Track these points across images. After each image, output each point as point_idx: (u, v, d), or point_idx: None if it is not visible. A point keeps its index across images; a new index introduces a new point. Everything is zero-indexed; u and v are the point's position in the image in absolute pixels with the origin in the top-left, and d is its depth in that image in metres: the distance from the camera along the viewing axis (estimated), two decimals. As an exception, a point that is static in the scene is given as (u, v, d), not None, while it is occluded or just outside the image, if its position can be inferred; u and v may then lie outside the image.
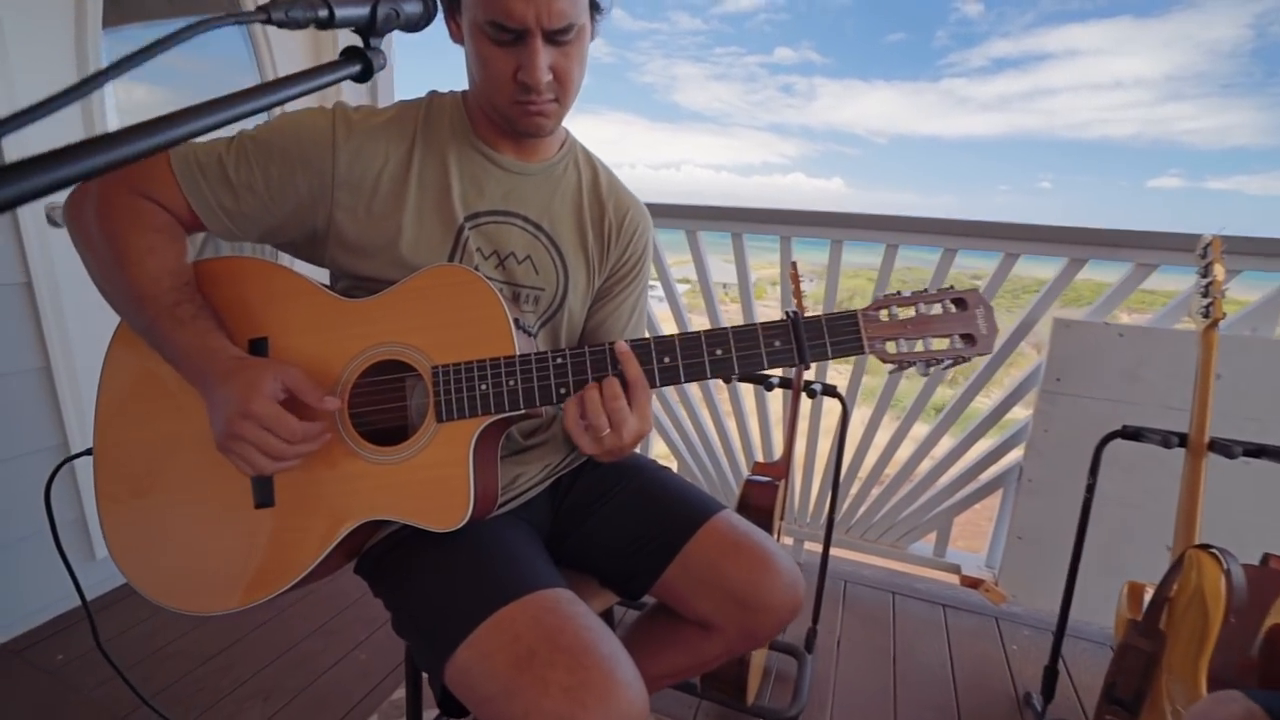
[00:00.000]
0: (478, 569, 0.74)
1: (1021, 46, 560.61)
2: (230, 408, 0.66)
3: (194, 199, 0.74)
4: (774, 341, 0.71)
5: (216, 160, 0.74)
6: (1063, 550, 1.67)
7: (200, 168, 0.74)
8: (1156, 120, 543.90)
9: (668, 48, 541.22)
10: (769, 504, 1.37)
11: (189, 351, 0.70)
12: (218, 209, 0.75)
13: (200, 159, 0.74)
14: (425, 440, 0.73)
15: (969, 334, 0.70)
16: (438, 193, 0.80)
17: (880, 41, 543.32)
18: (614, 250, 0.93)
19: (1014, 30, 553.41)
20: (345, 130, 0.77)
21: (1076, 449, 1.62)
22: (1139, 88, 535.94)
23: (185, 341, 0.70)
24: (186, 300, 0.72)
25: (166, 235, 0.73)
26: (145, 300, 0.70)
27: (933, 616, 1.81)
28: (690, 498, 0.92)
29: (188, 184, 0.73)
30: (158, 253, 0.72)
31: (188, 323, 0.70)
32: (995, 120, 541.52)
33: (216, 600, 0.73)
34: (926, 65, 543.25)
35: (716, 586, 0.84)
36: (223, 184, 0.74)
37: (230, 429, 0.66)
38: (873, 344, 0.70)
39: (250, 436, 0.66)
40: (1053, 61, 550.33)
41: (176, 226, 0.75)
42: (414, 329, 0.74)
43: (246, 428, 0.66)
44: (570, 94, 0.78)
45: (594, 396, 0.70)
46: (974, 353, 0.70)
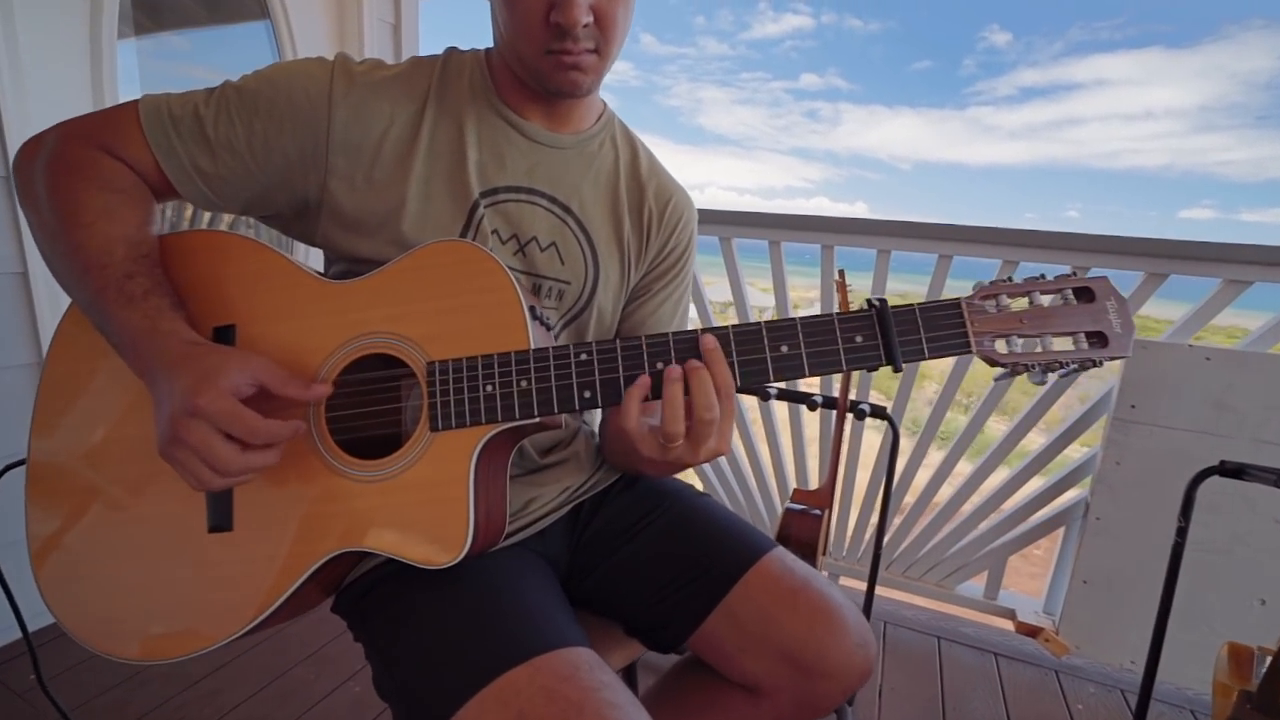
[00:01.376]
0: (477, 619, 0.61)
1: (1050, 76, 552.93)
2: (175, 403, 0.53)
3: (164, 158, 0.63)
4: (855, 336, 0.57)
5: (192, 112, 0.64)
6: (1136, 598, 1.52)
7: (173, 121, 0.63)
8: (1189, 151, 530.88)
9: (694, 72, 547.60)
10: (812, 537, 1.22)
11: (136, 334, 0.57)
12: (192, 170, 0.64)
13: (174, 111, 0.64)
14: (417, 453, 0.60)
15: (1098, 332, 0.57)
16: (450, 162, 0.69)
17: (907, 69, 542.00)
18: (654, 241, 0.80)
19: (1042, 60, 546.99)
20: (345, 84, 0.66)
21: (1153, 485, 1.47)
22: (1170, 118, 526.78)
23: (133, 322, 0.57)
24: (142, 274, 0.60)
25: (128, 198, 0.62)
26: (91, 270, 0.59)
27: (984, 666, 1.63)
28: (736, 532, 0.78)
29: (158, 140, 0.63)
30: (114, 216, 0.61)
31: (138, 300, 0.58)
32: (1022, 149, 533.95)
33: (155, 644, 0.60)
34: (953, 93, 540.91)
35: (768, 643, 0.69)
36: (198, 141, 0.64)
37: (174, 430, 0.53)
38: (980, 341, 0.57)
39: (195, 441, 0.53)
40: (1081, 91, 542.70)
41: (143, 190, 0.64)
42: (407, 316, 0.62)
43: (193, 429, 0.53)
44: (613, 44, 0.66)
45: (678, 397, 0.56)
46: (1106, 355, 0.57)
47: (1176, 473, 1.42)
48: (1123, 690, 1.54)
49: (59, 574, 0.62)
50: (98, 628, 0.61)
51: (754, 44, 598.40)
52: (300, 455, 0.61)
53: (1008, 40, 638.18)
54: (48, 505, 0.63)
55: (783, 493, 1.95)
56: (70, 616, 0.61)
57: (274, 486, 0.61)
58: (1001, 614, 1.77)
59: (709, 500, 0.84)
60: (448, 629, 0.60)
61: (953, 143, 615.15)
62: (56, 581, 0.62)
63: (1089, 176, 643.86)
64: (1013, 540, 1.72)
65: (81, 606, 0.61)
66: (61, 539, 0.63)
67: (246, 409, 0.54)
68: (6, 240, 1.36)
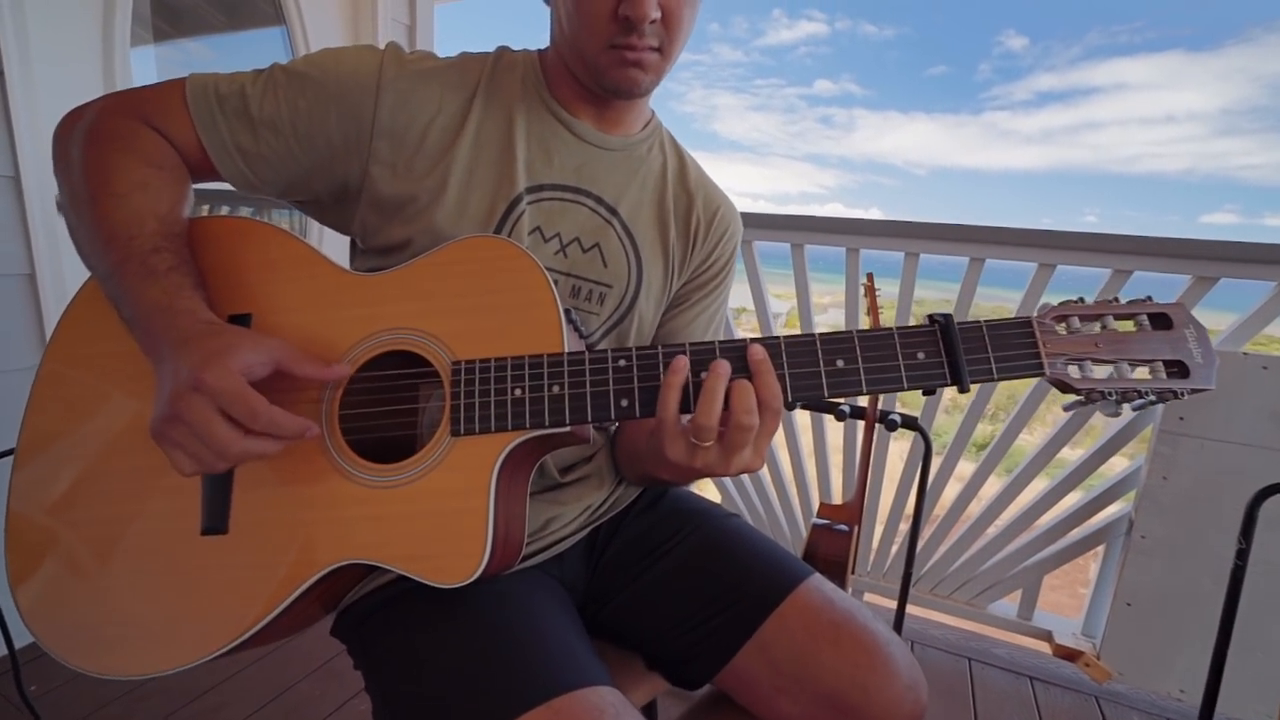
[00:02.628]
0: (490, 655, 0.55)
1: (1067, 80, 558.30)
2: (180, 379, 0.49)
3: (206, 134, 0.61)
4: (917, 353, 0.53)
5: (239, 91, 0.62)
6: (1184, 622, 1.44)
7: (219, 99, 0.61)
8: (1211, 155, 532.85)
9: (708, 78, 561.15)
10: (841, 555, 1.16)
11: (152, 309, 0.53)
12: (233, 148, 0.62)
13: (221, 89, 0.62)
14: (435, 459, 0.55)
15: (1178, 361, 0.54)
16: (496, 154, 0.66)
17: (922, 74, 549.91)
18: (699, 250, 0.77)
19: (1059, 64, 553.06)
20: (395, 69, 0.63)
21: (1204, 502, 1.39)
22: (1192, 122, 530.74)
23: (151, 297, 0.54)
24: (169, 250, 0.56)
25: (167, 175, 0.60)
26: (117, 240, 0.55)
27: (1019, 690, 1.55)
28: (770, 557, 0.72)
29: (201, 115, 0.61)
30: (150, 191, 0.58)
31: (160, 275, 0.55)
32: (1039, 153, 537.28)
33: (137, 658, 0.54)
34: (968, 98, 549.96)
35: (807, 683, 0.63)
36: (242, 119, 0.62)
37: (171, 407, 0.48)
38: (1053, 364, 0.53)
39: (194, 417, 0.48)
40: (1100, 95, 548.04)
41: (182, 169, 0.62)
42: (434, 312, 0.57)
43: (193, 404, 0.48)
44: (676, 44, 0.64)
45: (719, 391, 0.51)
46: (1188, 387, 0.53)
47: (1230, 489, 1.35)
48: (1168, 719, 1.46)
49: (35, 579, 0.57)
50: (74, 637, 0.55)
51: (768, 50, 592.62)
52: (307, 454, 0.56)
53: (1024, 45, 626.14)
54: (28, 504, 0.58)
55: (805, 508, 1.88)
56: (47, 627, 0.56)
57: (275, 487, 0.56)
58: (1037, 635, 1.68)
59: (739, 521, 0.78)
60: (456, 667, 0.55)
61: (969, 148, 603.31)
62: (32, 588, 0.57)
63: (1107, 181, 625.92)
64: (1049, 558, 1.64)
65: (58, 616, 0.56)
66: (41, 540, 0.58)
67: (253, 391, 0.49)
68: (14, 241, 1.33)
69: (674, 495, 0.82)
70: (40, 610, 0.56)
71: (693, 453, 0.53)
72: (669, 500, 0.81)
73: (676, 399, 0.52)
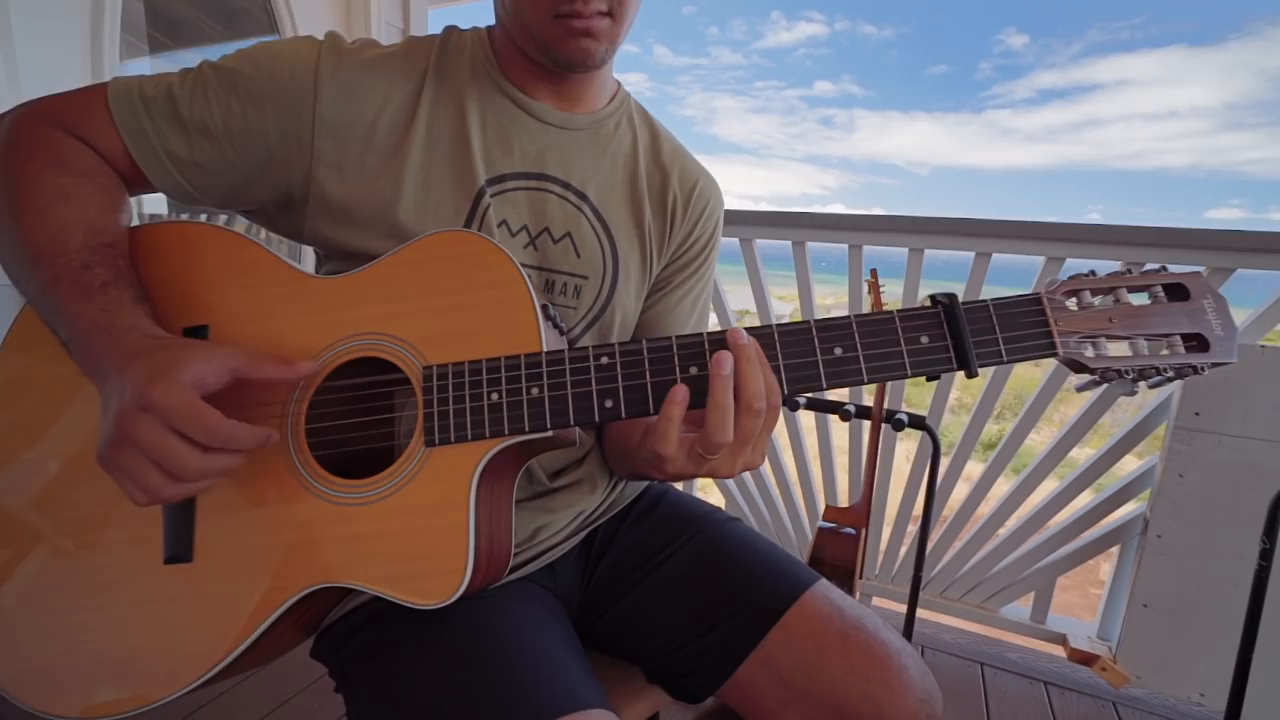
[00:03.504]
0: (475, 679, 0.52)
1: (1069, 77, 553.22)
2: (125, 398, 0.45)
3: (133, 141, 0.57)
4: (920, 336, 0.49)
5: (165, 93, 0.57)
6: (1205, 624, 1.39)
7: (145, 102, 0.57)
8: (1216, 150, 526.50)
9: (707, 81, 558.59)
10: (849, 560, 1.12)
11: (90, 329, 0.49)
12: (164, 155, 0.58)
13: (145, 91, 0.57)
14: (409, 472, 0.52)
15: (1197, 334, 0.51)
16: (452, 147, 0.62)
17: (922, 74, 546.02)
18: (678, 230, 0.72)
19: (1060, 61, 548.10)
20: (333, 62, 0.59)
21: (1223, 500, 1.35)
22: (1196, 117, 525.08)
23: (88, 316, 0.50)
24: (102, 264, 0.52)
25: (89, 181, 0.56)
26: (43, 258, 0.52)
27: (1033, 695, 1.51)
28: (774, 563, 0.69)
29: (126, 121, 0.57)
30: (72, 201, 0.54)
31: (95, 292, 0.51)
32: (1041, 151, 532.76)
33: (100, 698, 0.51)
34: (969, 97, 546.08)
35: (815, 697, 0.60)
36: (171, 123, 0.57)
37: (119, 429, 0.44)
38: (1066, 343, 0.50)
39: (144, 440, 0.44)
40: (1102, 92, 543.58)
41: (110, 177, 0.58)
42: (403, 315, 0.54)
43: (142, 425, 0.44)
44: (628, 6, 0.59)
45: (727, 396, 0.47)
46: (1208, 361, 0.50)
47: (1249, 486, 1.31)
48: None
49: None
50: (28, 679, 0.52)
51: (767, 53, 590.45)
52: (274, 473, 0.53)
53: (1025, 43, 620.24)
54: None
55: (811, 511, 1.84)
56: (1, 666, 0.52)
57: (241, 510, 0.53)
58: (1051, 639, 1.64)
59: (741, 526, 0.75)
60: (439, 693, 0.52)
61: (970, 147, 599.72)
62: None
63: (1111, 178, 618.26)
64: (1062, 559, 1.59)
65: (10, 651, 0.53)
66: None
67: (207, 405, 0.46)
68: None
69: (673, 499, 0.79)
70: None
71: (699, 463, 0.50)
72: (667, 504, 0.78)
73: (676, 431, 0.49)
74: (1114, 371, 0.50)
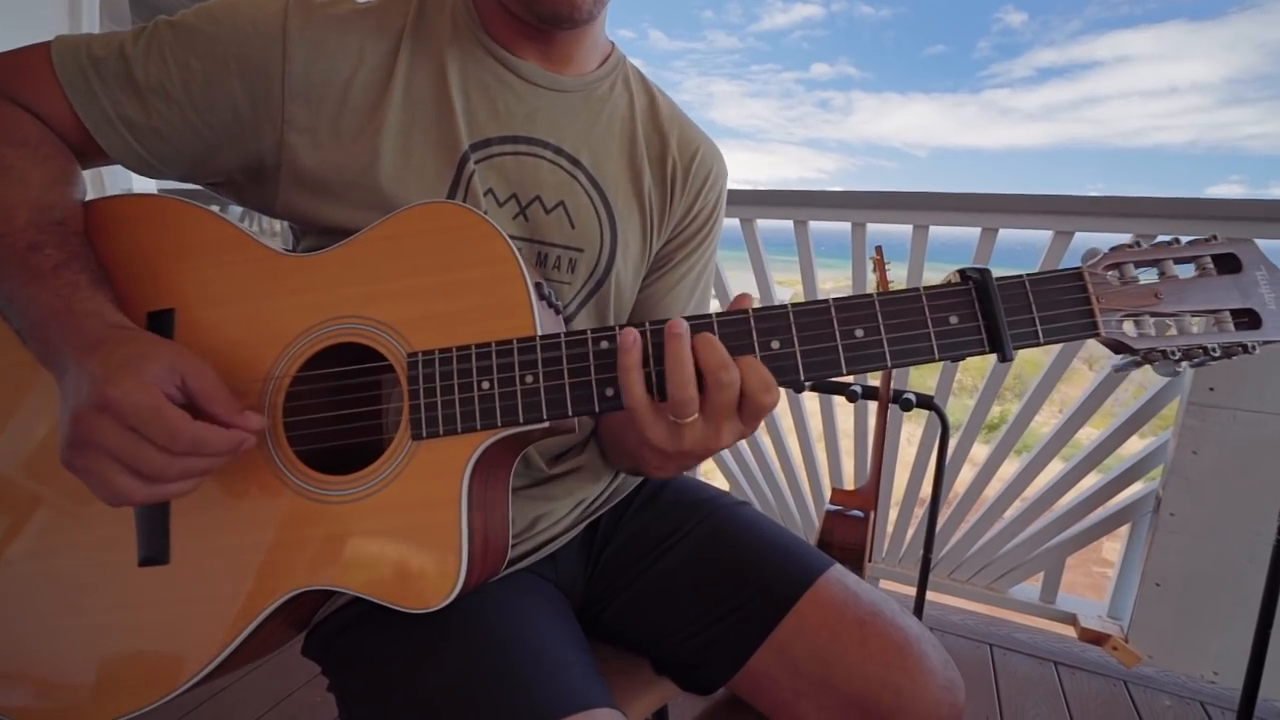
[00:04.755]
0: (472, 680, 0.49)
1: (1068, 55, 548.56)
2: (82, 396, 0.42)
3: (82, 105, 0.52)
4: (949, 316, 0.45)
5: (117, 52, 0.53)
6: (1218, 602, 1.38)
7: (94, 62, 0.52)
8: (1216, 125, 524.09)
9: (703, 66, 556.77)
10: (858, 542, 1.10)
11: (44, 316, 0.46)
12: (117, 120, 0.53)
13: (95, 50, 0.53)
14: (395, 467, 0.48)
15: (1248, 310, 0.46)
16: (432, 110, 0.57)
17: (919, 55, 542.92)
18: (680, 200, 0.68)
19: (1059, 39, 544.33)
20: (302, 18, 0.54)
21: (1238, 476, 1.32)
22: (1196, 93, 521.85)
23: (42, 302, 0.46)
24: (51, 244, 0.48)
25: (33, 154, 0.51)
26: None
27: (1044, 675, 1.50)
28: (786, 548, 0.66)
29: (73, 83, 0.52)
30: (14, 175, 0.49)
31: (47, 275, 0.47)
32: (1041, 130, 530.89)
33: (77, 707, 0.48)
34: (967, 77, 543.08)
35: (832, 686, 0.57)
36: (124, 85, 0.53)
37: (77, 430, 0.42)
38: (1108, 323, 0.46)
39: (107, 441, 0.41)
40: (1101, 69, 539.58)
41: (57, 146, 0.53)
42: (384, 296, 0.50)
43: (102, 426, 0.41)
44: None
45: (685, 356, 0.44)
46: (1261, 339, 0.46)
47: (1266, 463, 1.28)
48: (1203, 703, 1.40)
49: None
50: (6, 686, 0.49)
51: (763, 35, 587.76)
52: (253, 469, 0.49)
53: (1023, 20, 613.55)
54: None
55: (816, 495, 1.82)
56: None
57: (220, 508, 0.49)
58: (1061, 619, 1.62)
59: (750, 510, 0.72)
60: (434, 693, 0.49)
61: (969, 127, 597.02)
62: None
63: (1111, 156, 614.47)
64: (1071, 538, 1.57)
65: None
66: None
67: (172, 407, 0.42)
68: None
69: (678, 484, 0.76)
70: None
71: (678, 433, 0.45)
72: (672, 489, 0.75)
73: (639, 380, 0.45)
74: (1158, 352, 0.46)
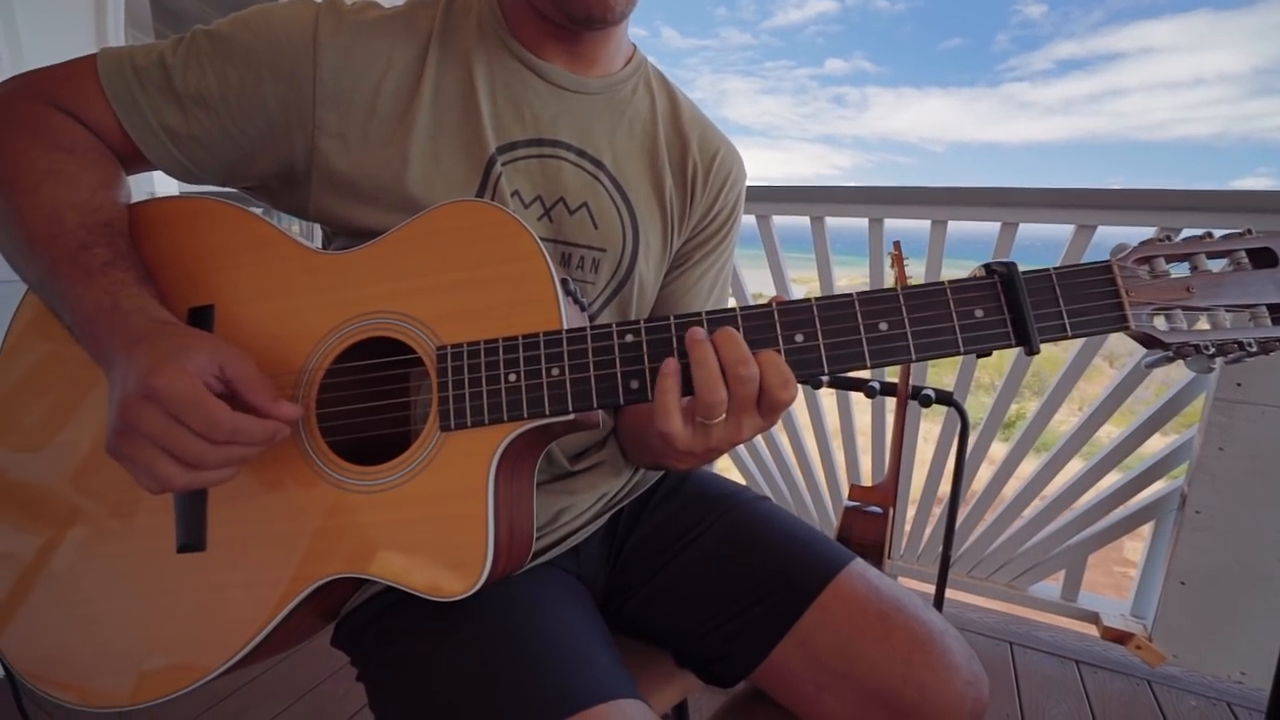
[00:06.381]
0: (498, 671, 0.50)
1: (1089, 47, 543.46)
2: (129, 386, 0.44)
3: (126, 114, 0.55)
4: (974, 309, 0.46)
5: (158, 62, 0.55)
6: (1245, 601, 1.36)
7: (136, 72, 0.55)
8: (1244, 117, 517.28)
9: (716, 63, 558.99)
10: (877, 539, 1.10)
11: (95, 313, 0.48)
12: (159, 129, 0.55)
13: (137, 61, 0.55)
14: (424, 458, 0.50)
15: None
16: (460, 114, 0.59)
17: (936, 48, 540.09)
18: (700, 201, 0.69)
19: (1080, 30, 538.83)
20: (331, 24, 0.56)
21: (1266, 473, 1.31)
22: (1223, 84, 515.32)
23: (91, 298, 0.48)
24: (100, 244, 0.51)
25: (82, 159, 0.53)
26: (40, 242, 0.50)
27: (1065, 675, 1.49)
28: (806, 542, 0.66)
29: (118, 94, 0.54)
30: (64, 179, 0.52)
31: (96, 274, 0.49)
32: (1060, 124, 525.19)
33: (119, 688, 0.51)
34: (985, 70, 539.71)
35: (854, 680, 0.58)
36: (165, 94, 0.55)
37: (124, 418, 0.44)
38: (1138, 316, 0.46)
39: (151, 429, 0.43)
40: (1124, 61, 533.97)
41: (102, 152, 0.56)
42: (414, 292, 0.52)
43: (148, 415, 0.43)
44: None
45: (710, 358, 0.45)
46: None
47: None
48: (1230, 703, 1.38)
49: (3, 606, 0.53)
50: (50, 669, 0.52)
51: (777, 32, 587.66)
52: (286, 459, 0.51)
53: (1043, 12, 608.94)
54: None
55: (834, 491, 1.82)
56: (19, 655, 0.52)
57: (255, 497, 0.51)
58: (1083, 618, 1.61)
59: (770, 505, 0.73)
60: (461, 684, 0.50)
61: (986, 122, 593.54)
62: (3, 615, 0.53)
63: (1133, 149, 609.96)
64: (1093, 536, 1.56)
65: (31, 644, 0.52)
66: (5, 565, 0.54)
67: (212, 397, 0.44)
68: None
69: (698, 478, 0.77)
70: (14, 642, 0.53)
71: (706, 433, 0.47)
72: (693, 483, 0.76)
73: (678, 405, 0.46)
74: (1190, 347, 0.46)
